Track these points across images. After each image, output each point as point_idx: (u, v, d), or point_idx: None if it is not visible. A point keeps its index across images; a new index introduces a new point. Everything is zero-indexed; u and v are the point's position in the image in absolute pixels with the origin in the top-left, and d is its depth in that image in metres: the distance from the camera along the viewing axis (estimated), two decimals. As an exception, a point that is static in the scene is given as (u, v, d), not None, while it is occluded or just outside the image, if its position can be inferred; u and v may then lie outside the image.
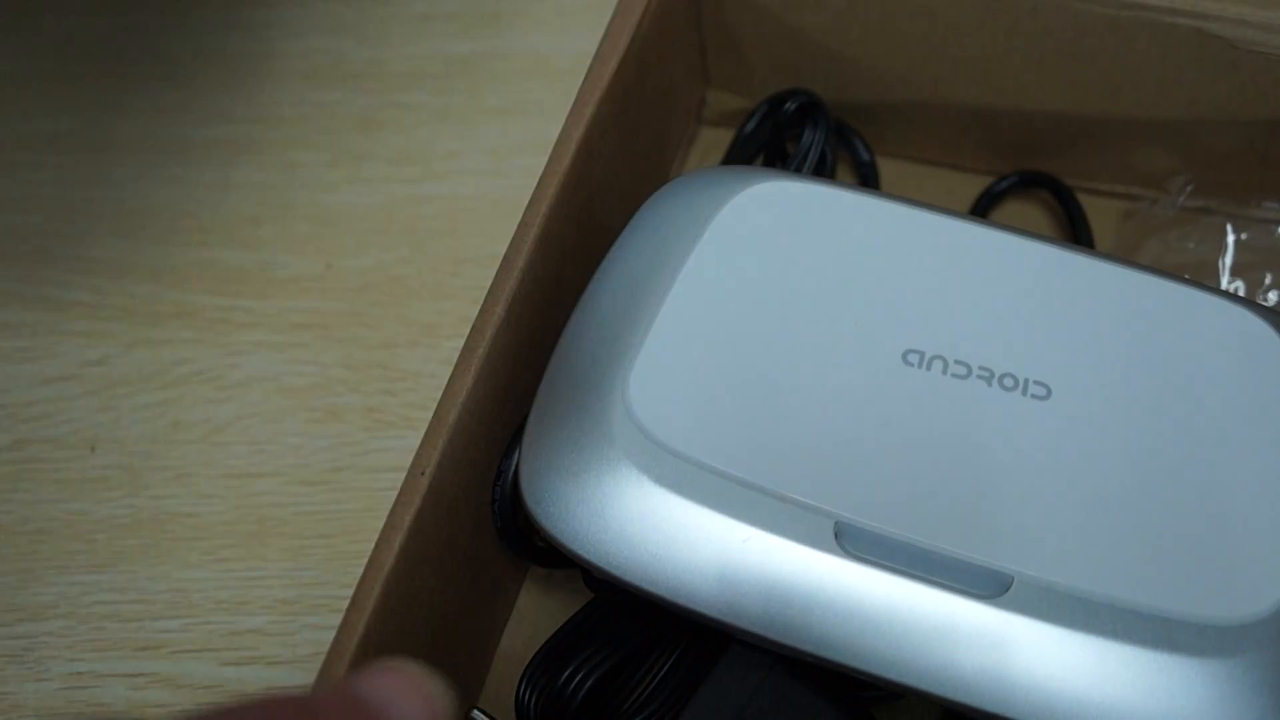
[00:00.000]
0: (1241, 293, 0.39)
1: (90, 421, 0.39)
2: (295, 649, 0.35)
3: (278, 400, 0.39)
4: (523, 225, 0.30)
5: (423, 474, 0.27)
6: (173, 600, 0.36)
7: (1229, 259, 0.40)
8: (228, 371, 0.40)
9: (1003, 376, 0.29)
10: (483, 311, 0.29)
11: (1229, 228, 0.40)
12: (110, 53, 0.47)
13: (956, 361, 0.29)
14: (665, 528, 0.27)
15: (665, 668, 0.31)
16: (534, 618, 0.35)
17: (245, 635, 0.35)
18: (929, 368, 0.29)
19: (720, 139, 0.42)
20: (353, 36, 0.47)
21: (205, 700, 0.34)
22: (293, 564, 0.36)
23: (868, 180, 0.41)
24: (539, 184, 0.31)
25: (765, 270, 0.31)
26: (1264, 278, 0.39)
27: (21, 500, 0.38)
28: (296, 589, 0.36)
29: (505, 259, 0.30)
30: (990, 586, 0.26)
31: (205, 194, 0.44)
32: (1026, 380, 0.29)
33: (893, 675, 0.26)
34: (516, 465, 0.30)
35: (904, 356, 0.29)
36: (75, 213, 0.43)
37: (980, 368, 0.29)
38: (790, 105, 0.38)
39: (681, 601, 0.27)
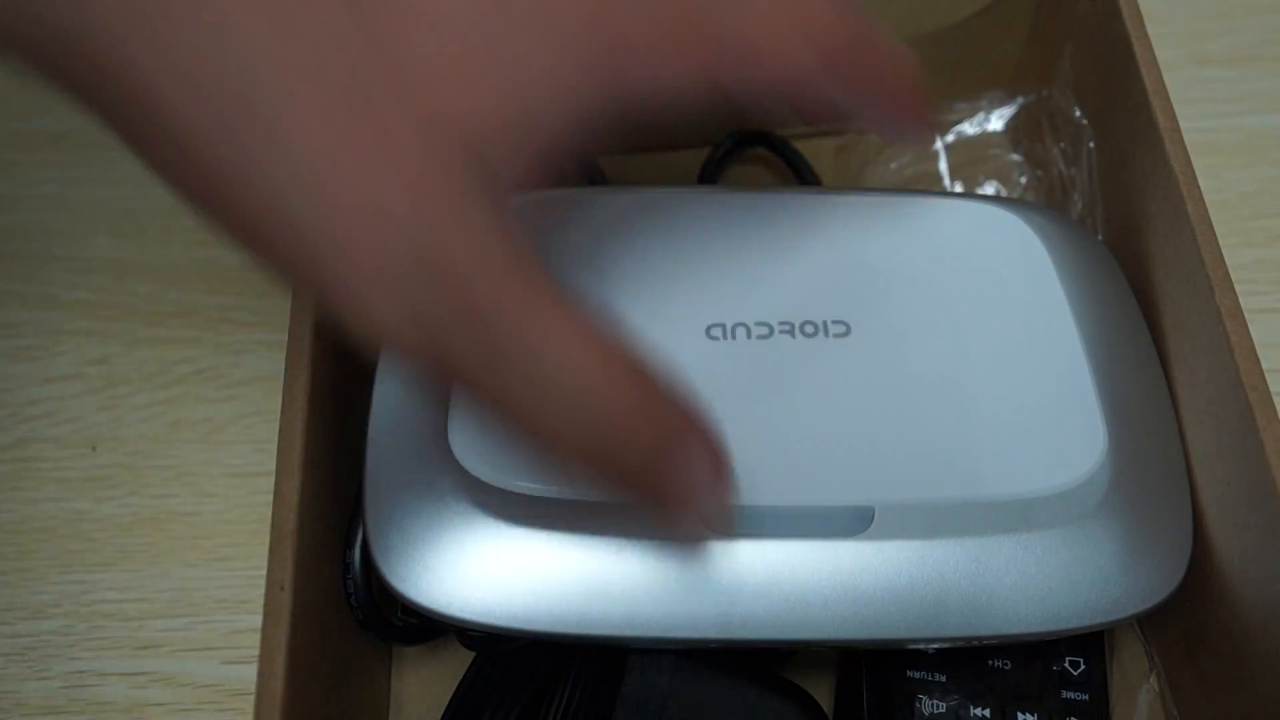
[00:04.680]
0: (960, 190, 0.41)
1: (91, 420, 0.39)
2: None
3: (279, 399, 0.39)
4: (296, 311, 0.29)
5: (282, 589, 0.26)
6: (174, 599, 0.36)
7: (944, 165, 0.41)
8: (229, 370, 0.40)
9: (803, 325, 0.30)
10: (285, 410, 0.28)
11: (935, 138, 0.42)
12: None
13: (757, 324, 0.30)
14: (534, 565, 0.26)
15: (573, 700, 0.30)
16: (419, 698, 0.34)
17: (247, 634, 0.35)
18: (734, 337, 0.29)
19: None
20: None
21: (206, 700, 0.35)
22: (294, 562, 0.36)
23: (593, 179, 0.40)
24: None
25: None
26: (978, 173, 0.41)
27: (23, 499, 0.38)
28: (298, 587, 0.36)
29: (290, 350, 0.29)
30: (856, 523, 0.27)
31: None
32: (825, 323, 0.30)
33: (791, 636, 0.26)
34: (364, 552, 0.29)
35: (708, 333, 0.30)
36: (76, 213, 0.43)
37: (780, 323, 0.30)
38: None
39: (572, 631, 0.26)
